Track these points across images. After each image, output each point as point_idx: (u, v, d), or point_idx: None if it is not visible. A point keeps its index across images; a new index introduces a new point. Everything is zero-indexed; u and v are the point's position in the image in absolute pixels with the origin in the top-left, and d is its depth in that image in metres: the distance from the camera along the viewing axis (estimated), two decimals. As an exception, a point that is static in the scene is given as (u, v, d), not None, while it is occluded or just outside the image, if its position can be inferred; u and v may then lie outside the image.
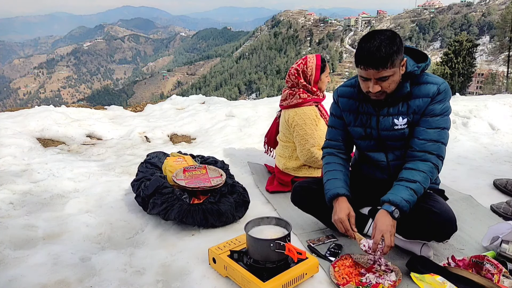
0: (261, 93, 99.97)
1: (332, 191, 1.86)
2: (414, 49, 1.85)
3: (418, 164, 1.74)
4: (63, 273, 1.79)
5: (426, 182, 1.72)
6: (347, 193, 1.86)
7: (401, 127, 1.81)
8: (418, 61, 1.81)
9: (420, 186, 1.70)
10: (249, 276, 1.61)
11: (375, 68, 1.62)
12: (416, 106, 1.78)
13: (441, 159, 1.77)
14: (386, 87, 1.69)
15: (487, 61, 67.45)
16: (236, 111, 4.97)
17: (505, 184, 2.68)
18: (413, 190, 1.69)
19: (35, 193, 2.66)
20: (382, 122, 1.84)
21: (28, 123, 4.15)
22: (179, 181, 2.34)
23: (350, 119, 1.94)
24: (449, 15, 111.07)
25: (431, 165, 1.73)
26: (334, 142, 2.03)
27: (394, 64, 1.64)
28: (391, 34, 1.66)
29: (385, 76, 1.65)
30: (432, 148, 1.75)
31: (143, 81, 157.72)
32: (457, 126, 4.36)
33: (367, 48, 1.62)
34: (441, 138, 1.76)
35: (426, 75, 1.80)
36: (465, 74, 29.25)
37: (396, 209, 1.67)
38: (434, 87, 1.76)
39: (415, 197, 1.69)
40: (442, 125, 1.78)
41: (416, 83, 1.78)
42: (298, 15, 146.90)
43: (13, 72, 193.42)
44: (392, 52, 1.61)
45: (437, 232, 1.76)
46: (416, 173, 1.72)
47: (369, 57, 1.62)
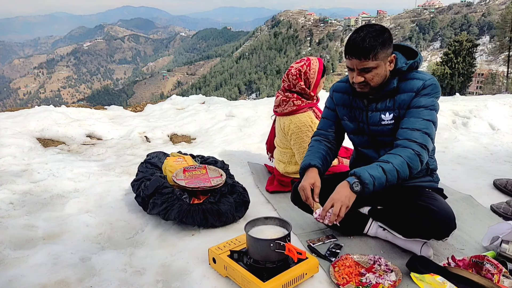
0: (261, 93, 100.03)
1: (305, 162, 1.91)
2: (407, 47, 1.87)
3: (398, 150, 1.71)
4: (63, 273, 1.79)
5: (403, 167, 1.65)
6: (318, 164, 1.88)
7: (388, 122, 1.83)
8: (410, 59, 1.83)
9: (392, 167, 1.64)
10: (249, 276, 1.61)
11: (357, 57, 1.67)
12: (402, 101, 1.79)
13: (425, 148, 1.70)
14: (370, 79, 1.72)
15: (487, 61, 67.49)
16: (236, 111, 4.97)
17: (505, 184, 2.68)
18: (382, 169, 1.64)
19: (35, 193, 2.66)
20: (370, 117, 1.88)
21: (28, 123, 4.15)
22: (179, 181, 2.34)
23: (344, 113, 1.99)
24: (449, 15, 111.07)
25: (411, 151, 1.68)
26: (323, 131, 2.08)
27: (377, 56, 1.67)
28: (380, 28, 1.70)
29: (368, 68, 1.69)
30: (415, 135, 1.71)
31: (143, 81, 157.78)
32: (457, 126, 4.36)
33: (353, 38, 1.68)
34: (425, 128, 1.72)
35: (415, 72, 1.81)
36: (465, 74, 29.29)
37: (357, 181, 1.63)
38: (420, 82, 1.76)
39: (383, 176, 1.63)
40: (427, 117, 1.74)
41: (403, 79, 1.80)
42: (298, 15, 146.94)
43: (13, 72, 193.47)
44: (376, 44, 1.64)
45: (436, 230, 1.76)
46: (393, 156, 1.68)
47: (353, 47, 1.67)
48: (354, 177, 1.66)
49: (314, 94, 2.60)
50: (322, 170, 1.90)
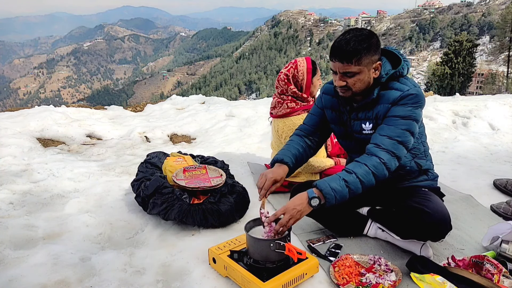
0: (261, 93, 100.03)
1: (278, 156, 1.91)
2: (396, 54, 1.80)
3: (364, 158, 1.68)
4: (63, 273, 1.79)
5: (367, 177, 1.63)
6: (290, 163, 1.88)
7: (368, 131, 1.81)
8: (396, 66, 1.77)
9: (355, 179, 1.61)
10: (249, 276, 1.61)
11: (340, 61, 1.66)
12: (378, 111, 1.76)
13: (393, 156, 1.66)
14: (352, 84, 1.70)
15: (487, 61, 67.46)
16: (236, 111, 4.97)
17: (505, 184, 2.68)
18: (345, 181, 1.61)
19: (35, 193, 2.66)
20: (353, 125, 1.87)
21: (28, 123, 4.15)
22: (179, 181, 2.34)
23: (332, 116, 1.97)
24: (449, 15, 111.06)
25: (376, 160, 1.64)
26: (307, 126, 2.07)
27: (361, 61, 1.64)
28: (368, 33, 1.67)
29: (350, 72, 1.66)
30: (384, 142, 1.67)
31: (143, 81, 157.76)
32: (457, 126, 4.36)
33: (338, 41, 1.66)
34: (396, 135, 1.67)
35: (397, 82, 1.75)
36: (465, 74, 29.30)
37: (318, 197, 1.60)
38: (397, 93, 1.71)
39: (345, 189, 1.60)
40: (403, 126, 1.68)
41: (384, 89, 1.76)
42: (298, 15, 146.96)
43: (13, 72, 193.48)
44: (360, 48, 1.61)
45: (431, 232, 1.76)
46: (358, 165, 1.65)
47: (337, 49, 1.65)
48: (315, 190, 1.63)
49: (308, 95, 2.57)
50: (292, 168, 1.91)
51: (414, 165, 1.87)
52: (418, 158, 1.88)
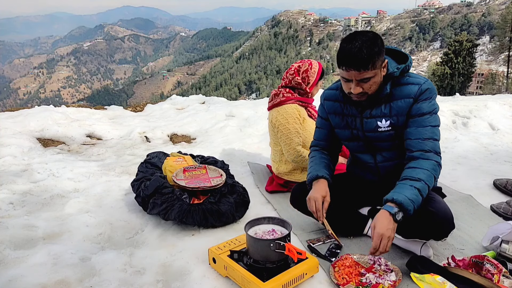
0: (261, 93, 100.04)
1: (312, 174, 1.91)
2: (395, 50, 1.84)
3: (421, 162, 1.69)
4: (63, 273, 1.79)
5: (430, 181, 1.66)
6: (327, 176, 1.89)
7: (385, 129, 1.81)
8: (400, 62, 1.80)
9: (424, 185, 1.64)
10: (249, 276, 1.61)
11: (356, 69, 1.63)
12: (398, 108, 1.76)
13: (439, 155, 1.73)
14: (368, 89, 1.69)
15: (487, 61, 67.48)
16: (236, 111, 4.97)
17: (505, 184, 2.68)
18: (418, 190, 1.62)
19: (35, 193, 2.66)
20: (366, 123, 1.85)
21: (28, 123, 4.15)
22: (179, 181, 2.34)
23: (336, 121, 1.96)
24: (449, 15, 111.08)
25: (433, 163, 1.69)
26: (320, 142, 2.08)
27: (375, 65, 1.64)
28: (373, 35, 1.66)
29: (367, 78, 1.65)
30: (429, 145, 1.71)
31: (143, 81, 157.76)
32: (457, 126, 4.36)
33: (348, 49, 1.62)
34: (434, 135, 1.73)
35: (408, 75, 1.79)
36: (465, 74, 29.28)
37: (399, 210, 1.59)
38: (415, 87, 1.74)
39: (419, 197, 1.62)
40: (433, 123, 1.74)
41: (397, 84, 1.77)
42: (298, 15, 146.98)
43: (13, 72, 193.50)
44: (373, 53, 1.61)
45: (434, 230, 1.76)
46: (420, 171, 1.67)
47: (351, 58, 1.62)
48: (393, 205, 1.61)
49: (310, 91, 2.66)
50: (331, 181, 1.90)
51: None
52: None
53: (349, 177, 2.11)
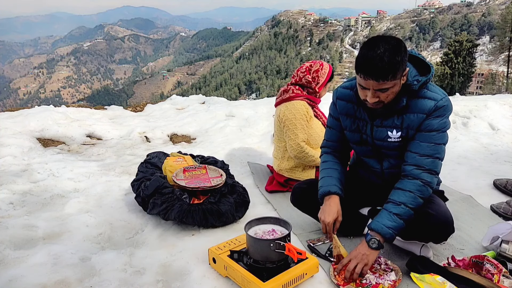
0: (261, 93, 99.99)
1: (324, 188, 1.87)
2: (418, 58, 1.74)
3: (406, 183, 1.68)
4: (63, 273, 1.79)
5: (415, 202, 1.66)
6: (339, 191, 1.86)
7: (395, 140, 1.76)
8: (421, 71, 1.71)
9: (405, 208, 1.65)
10: (249, 276, 1.61)
11: (375, 79, 1.53)
12: (410, 121, 1.70)
13: (434, 174, 1.69)
14: (384, 98, 1.61)
15: (487, 61, 67.45)
16: (236, 111, 4.97)
17: (505, 184, 2.68)
18: (396, 215, 1.64)
19: (35, 193, 2.66)
20: (376, 132, 1.80)
21: (28, 123, 4.15)
22: (179, 181, 2.34)
23: (347, 123, 1.90)
24: (449, 15, 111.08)
25: (419, 183, 1.66)
26: (331, 142, 2.03)
27: (396, 76, 1.54)
28: (396, 43, 1.54)
29: (385, 88, 1.57)
30: (425, 162, 1.67)
31: (143, 81, 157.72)
32: (457, 126, 4.36)
33: (369, 56, 1.52)
34: (436, 153, 1.68)
35: (427, 88, 1.70)
36: (465, 74, 29.26)
37: (373, 238, 1.65)
38: (431, 103, 1.66)
39: (399, 222, 1.64)
40: (438, 140, 1.68)
41: (414, 96, 1.69)
42: (298, 15, 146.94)
43: (13, 72, 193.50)
44: (395, 63, 1.50)
45: (433, 234, 1.76)
46: (402, 193, 1.67)
47: (370, 68, 1.52)
48: (372, 234, 1.66)
49: (319, 91, 2.71)
50: (343, 196, 1.87)
51: None
52: None
53: (351, 177, 2.07)
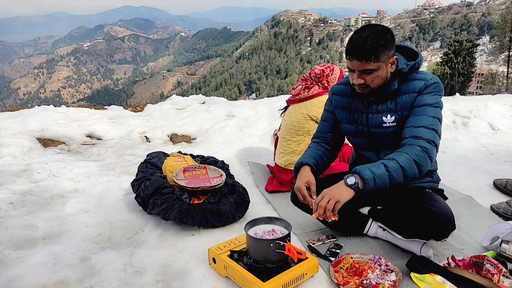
0: (261, 93, 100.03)
1: (298, 161, 1.91)
2: (407, 48, 1.85)
3: (404, 148, 1.66)
4: (63, 273, 1.79)
5: (409, 165, 1.60)
6: (310, 163, 1.88)
7: (390, 124, 1.80)
8: (410, 60, 1.80)
9: (396, 165, 1.59)
10: (249, 276, 1.61)
11: (358, 59, 1.65)
12: (404, 102, 1.76)
13: (433, 144, 1.65)
14: (370, 81, 1.70)
15: (487, 61, 67.49)
16: (236, 111, 4.97)
17: (505, 184, 2.68)
18: (385, 166, 1.59)
19: (35, 193, 2.67)
20: (371, 119, 1.85)
21: (28, 123, 4.15)
22: (179, 181, 2.34)
23: (342, 116, 1.97)
24: (449, 15, 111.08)
25: (417, 148, 1.62)
26: (321, 133, 2.07)
27: (379, 58, 1.64)
28: (382, 28, 1.66)
29: (369, 69, 1.66)
30: (422, 132, 1.66)
31: (143, 81, 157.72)
32: (457, 126, 4.36)
33: (355, 39, 1.65)
34: (431, 124, 1.67)
35: (416, 72, 1.78)
36: (465, 74, 29.28)
37: (352, 176, 1.59)
38: (421, 83, 1.73)
39: (385, 174, 1.57)
40: (432, 114, 1.69)
41: (404, 80, 1.77)
42: (298, 15, 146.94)
43: (13, 72, 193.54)
44: (378, 46, 1.61)
45: (435, 231, 1.76)
46: (398, 154, 1.63)
47: (355, 48, 1.64)
48: (352, 174, 1.63)
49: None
50: (315, 168, 1.88)
51: None
52: None
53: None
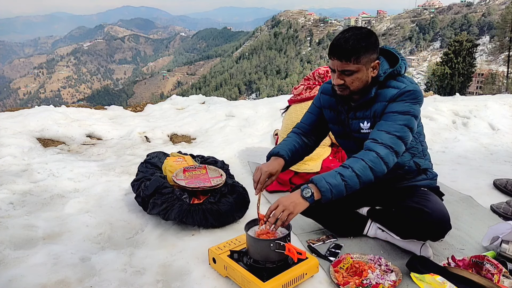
0: (261, 93, 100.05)
1: (274, 150, 1.90)
2: (392, 53, 1.80)
3: (361, 153, 1.65)
4: (63, 273, 1.79)
5: (364, 172, 1.58)
6: (286, 156, 1.86)
7: (367, 130, 1.80)
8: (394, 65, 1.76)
9: (352, 173, 1.57)
10: (249, 276, 1.61)
11: (339, 59, 1.65)
12: (375, 110, 1.75)
13: (393, 151, 1.63)
14: (350, 83, 1.69)
15: (487, 61, 67.50)
16: (236, 111, 4.97)
17: (505, 184, 2.68)
18: (340, 175, 1.57)
19: (35, 193, 2.66)
20: (351, 124, 1.86)
21: (28, 123, 4.15)
22: (179, 181, 2.34)
23: (330, 116, 1.97)
24: (449, 15, 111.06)
25: (373, 155, 1.61)
26: (303, 124, 2.05)
27: (359, 60, 1.64)
28: (367, 31, 1.67)
29: (349, 70, 1.66)
30: (382, 136, 1.64)
31: (143, 81, 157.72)
32: (457, 126, 4.36)
33: (337, 38, 1.66)
34: (395, 131, 1.65)
35: (395, 80, 1.74)
36: (465, 74, 29.27)
37: (308, 188, 1.56)
38: (394, 91, 1.70)
39: (339, 181, 1.56)
40: (399, 121, 1.66)
41: (381, 87, 1.75)
42: (298, 15, 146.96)
43: (13, 72, 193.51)
44: (359, 47, 1.61)
45: (430, 231, 1.76)
46: (355, 160, 1.62)
47: (336, 47, 1.65)
48: (309, 185, 1.59)
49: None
50: (288, 162, 1.88)
51: (413, 164, 1.87)
52: (416, 158, 1.88)
53: None
